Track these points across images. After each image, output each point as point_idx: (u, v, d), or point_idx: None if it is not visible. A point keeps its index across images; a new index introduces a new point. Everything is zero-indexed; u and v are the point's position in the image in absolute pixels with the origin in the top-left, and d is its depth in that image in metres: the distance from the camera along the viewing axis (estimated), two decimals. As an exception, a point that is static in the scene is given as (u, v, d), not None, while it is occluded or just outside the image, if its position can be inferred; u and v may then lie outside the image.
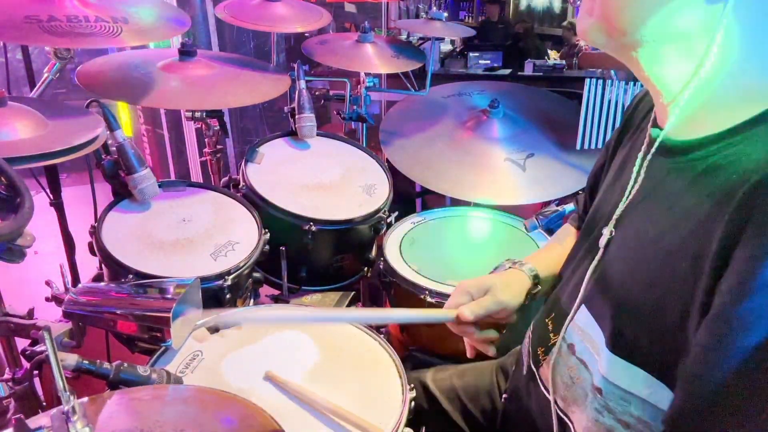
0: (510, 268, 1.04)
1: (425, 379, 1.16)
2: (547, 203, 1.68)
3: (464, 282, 1.01)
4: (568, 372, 0.82)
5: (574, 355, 0.81)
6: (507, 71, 3.68)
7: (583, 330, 0.80)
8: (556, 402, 0.84)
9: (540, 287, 1.02)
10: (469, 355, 1.07)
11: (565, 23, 4.01)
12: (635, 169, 0.77)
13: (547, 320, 0.91)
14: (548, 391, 0.86)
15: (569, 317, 0.83)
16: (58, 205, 1.64)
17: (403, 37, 3.35)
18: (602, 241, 0.79)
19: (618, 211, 0.78)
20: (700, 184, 0.64)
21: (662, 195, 0.70)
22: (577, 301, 0.82)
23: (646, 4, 0.63)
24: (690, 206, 0.64)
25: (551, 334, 0.88)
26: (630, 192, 0.77)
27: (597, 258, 0.79)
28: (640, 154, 0.78)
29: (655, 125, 0.76)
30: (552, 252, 1.09)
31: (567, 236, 1.12)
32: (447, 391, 1.14)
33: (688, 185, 0.66)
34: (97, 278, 1.44)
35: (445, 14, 2.23)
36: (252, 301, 1.47)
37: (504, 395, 1.07)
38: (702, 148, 0.65)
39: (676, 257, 0.64)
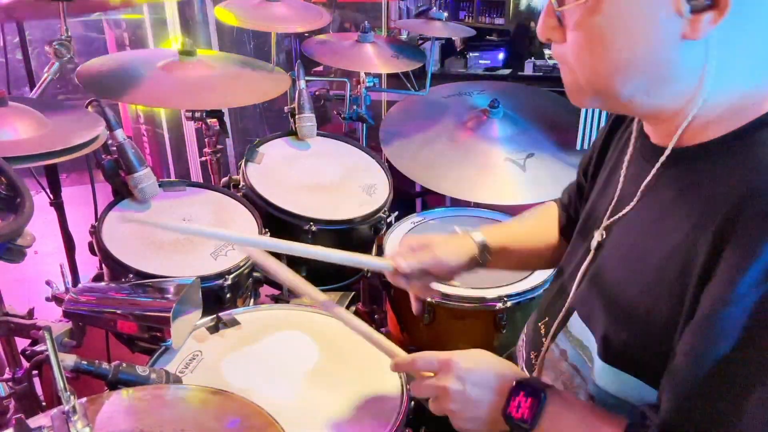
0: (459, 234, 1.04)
1: None
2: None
3: (408, 237, 1.01)
4: (560, 378, 0.82)
5: (566, 361, 0.81)
6: (507, 71, 3.67)
7: (576, 337, 0.79)
8: None
9: (489, 256, 1.00)
10: (414, 311, 1.06)
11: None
12: (622, 172, 0.77)
13: (539, 324, 0.90)
14: None
15: (557, 322, 0.83)
16: (58, 205, 1.64)
17: (404, 37, 3.35)
18: (593, 244, 0.79)
19: (607, 216, 0.78)
20: (688, 195, 0.64)
21: (653, 204, 0.70)
22: (566, 306, 0.81)
23: (628, 70, 0.62)
24: (679, 217, 0.64)
25: (543, 339, 0.88)
26: (616, 198, 0.77)
27: (587, 261, 0.79)
28: (627, 158, 0.78)
29: (642, 133, 0.76)
30: (509, 227, 1.09)
31: (533, 213, 1.11)
32: None
33: (677, 195, 0.66)
34: (97, 278, 1.44)
35: (445, 14, 2.22)
36: (252, 300, 1.47)
37: None
38: (691, 158, 0.65)
39: (665, 267, 0.64)
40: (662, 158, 0.68)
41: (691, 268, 0.60)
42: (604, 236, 0.78)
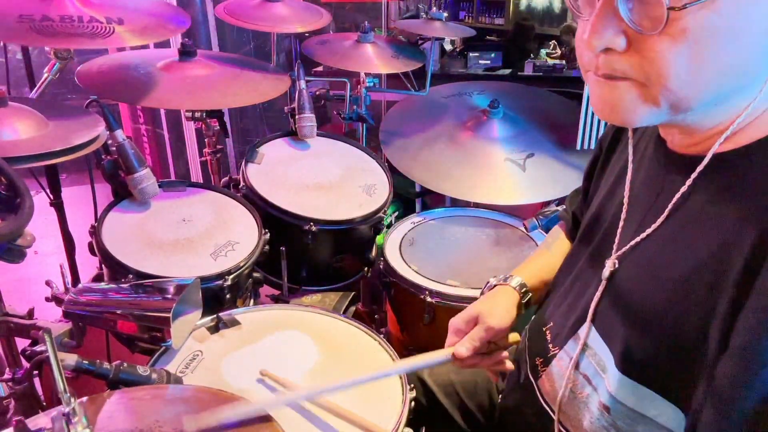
0: (496, 285, 1.03)
1: (422, 374, 1.15)
2: (547, 203, 1.69)
3: (453, 319, 0.99)
4: (569, 386, 0.81)
5: (577, 370, 0.80)
6: (507, 71, 3.67)
7: (589, 346, 0.78)
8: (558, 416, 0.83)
9: (531, 295, 1.01)
10: (493, 380, 1.07)
11: (563, 26, 3.99)
12: (628, 177, 0.76)
13: (544, 329, 0.89)
14: (547, 404, 0.85)
15: (566, 330, 0.81)
16: (58, 205, 1.64)
17: (403, 37, 3.35)
18: (605, 273, 0.76)
19: (622, 227, 0.76)
20: (719, 204, 0.62)
21: (679, 213, 0.68)
22: (577, 314, 0.80)
23: (723, 77, 0.57)
24: (708, 226, 0.62)
25: (550, 345, 0.86)
26: (626, 203, 0.76)
27: (602, 287, 0.77)
28: (638, 161, 0.77)
29: (658, 137, 0.74)
30: (540, 259, 1.08)
31: (555, 240, 1.10)
32: (444, 386, 1.13)
33: (706, 204, 0.64)
34: (97, 278, 1.44)
35: (445, 14, 2.22)
36: (252, 301, 1.47)
37: (500, 394, 1.07)
38: (725, 164, 0.63)
39: (694, 277, 0.62)
40: (700, 168, 0.64)
41: (724, 282, 0.58)
42: (617, 266, 0.75)
